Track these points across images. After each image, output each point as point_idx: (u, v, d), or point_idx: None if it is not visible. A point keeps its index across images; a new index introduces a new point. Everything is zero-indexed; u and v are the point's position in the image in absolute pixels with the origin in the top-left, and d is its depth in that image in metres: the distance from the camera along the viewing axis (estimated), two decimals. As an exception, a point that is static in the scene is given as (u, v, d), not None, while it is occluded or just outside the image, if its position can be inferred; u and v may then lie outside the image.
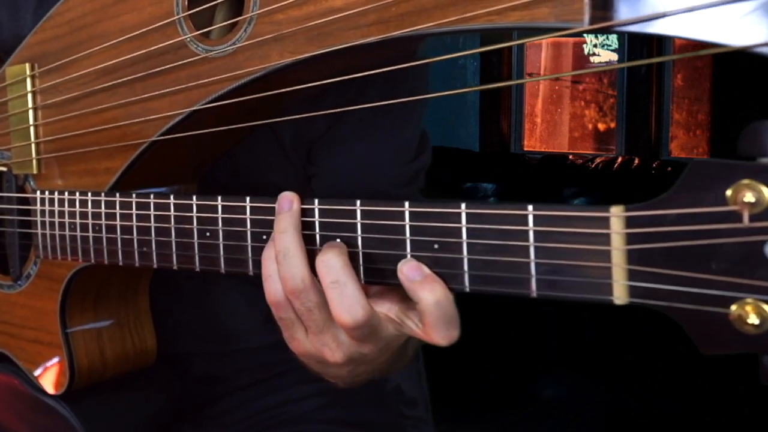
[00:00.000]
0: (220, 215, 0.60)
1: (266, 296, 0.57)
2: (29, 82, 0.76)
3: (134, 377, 0.83)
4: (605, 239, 0.44)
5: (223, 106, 0.61)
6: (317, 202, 0.55)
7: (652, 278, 0.43)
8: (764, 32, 0.39)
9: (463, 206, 0.49)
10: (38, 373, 0.81)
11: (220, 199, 0.60)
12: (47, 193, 0.75)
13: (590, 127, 3.57)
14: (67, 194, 0.73)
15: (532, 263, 0.47)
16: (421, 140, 0.85)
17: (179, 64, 0.63)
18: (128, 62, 0.67)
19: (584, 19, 0.43)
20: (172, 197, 0.64)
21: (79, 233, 0.72)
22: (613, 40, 3.39)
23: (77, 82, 0.72)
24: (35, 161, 0.77)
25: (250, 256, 0.59)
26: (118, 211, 0.68)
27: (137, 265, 0.68)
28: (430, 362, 0.96)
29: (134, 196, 0.67)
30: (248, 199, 0.59)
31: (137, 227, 0.66)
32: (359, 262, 0.54)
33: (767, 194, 0.38)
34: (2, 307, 0.85)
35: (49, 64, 0.74)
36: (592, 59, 3.56)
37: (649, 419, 1.91)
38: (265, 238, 0.58)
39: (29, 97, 0.76)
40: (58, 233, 0.74)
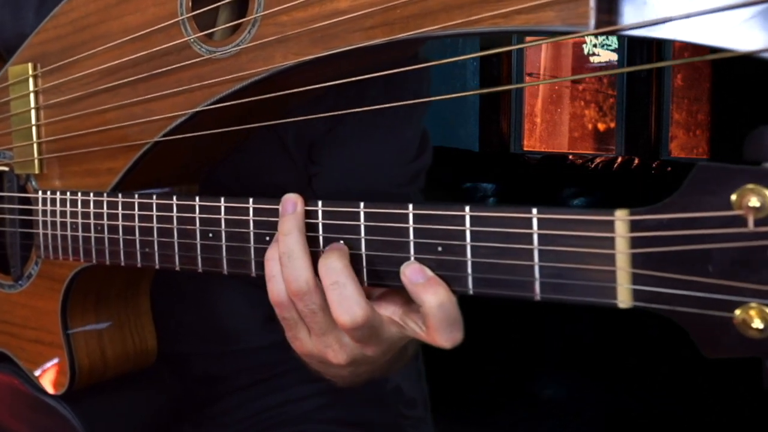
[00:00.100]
0: (222, 216, 0.60)
1: (270, 296, 0.57)
2: (31, 81, 0.76)
3: (134, 377, 0.83)
4: (609, 243, 0.44)
5: (226, 107, 0.61)
6: (320, 203, 0.55)
7: (656, 282, 0.43)
8: (765, 37, 0.39)
9: (467, 209, 0.49)
10: (39, 373, 0.81)
11: (223, 200, 0.60)
12: (49, 193, 0.75)
13: (590, 127, 3.57)
14: (69, 194, 0.73)
15: (535, 266, 0.47)
16: (422, 140, 0.85)
17: (182, 65, 0.63)
18: (131, 63, 0.67)
19: (590, 22, 0.43)
20: (174, 198, 0.64)
21: (81, 233, 0.72)
22: (612, 40, 3.38)
23: (80, 82, 0.71)
24: (37, 161, 0.77)
25: (252, 257, 0.59)
26: (120, 211, 0.68)
27: (139, 265, 0.67)
28: (429, 362, 0.96)
29: (137, 196, 0.67)
30: (251, 200, 0.58)
31: (139, 228, 0.66)
32: (362, 264, 0.54)
33: (772, 199, 0.38)
34: (3, 306, 0.85)
35: (51, 64, 0.74)
36: (591, 59, 3.56)
37: (649, 419, 1.91)
38: (268, 239, 0.58)
39: (31, 96, 0.76)
40: (59, 233, 0.74)
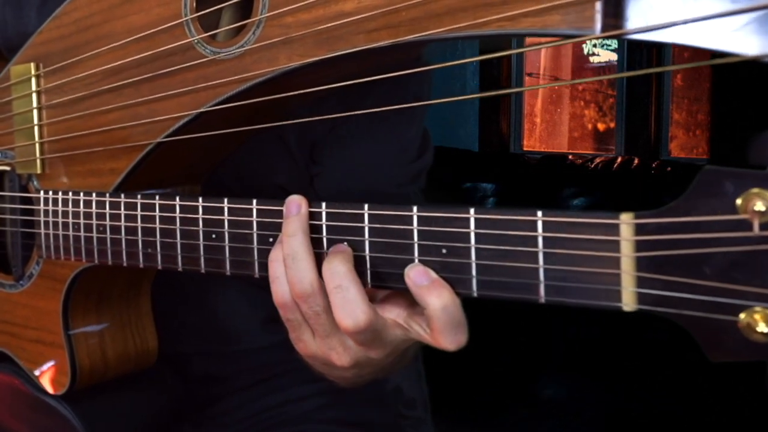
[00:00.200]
0: (226, 217, 0.60)
1: (273, 298, 0.57)
2: (34, 81, 0.75)
3: (135, 377, 0.83)
4: (614, 246, 0.44)
5: (229, 108, 0.61)
6: (324, 205, 0.55)
7: (660, 285, 0.43)
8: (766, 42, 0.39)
9: (471, 211, 0.49)
10: (39, 373, 0.81)
11: (226, 201, 0.60)
12: (51, 193, 0.74)
13: (590, 127, 3.57)
14: (71, 194, 0.72)
15: (540, 269, 0.47)
16: (423, 140, 0.85)
17: (187, 65, 0.63)
18: (135, 63, 0.67)
19: (596, 26, 0.43)
20: (177, 199, 0.63)
21: (83, 233, 0.71)
22: (612, 40, 3.39)
23: (83, 82, 0.71)
24: (39, 161, 0.76)
25: (256, 258, 0.59)
26: (122, 212, 0.68)
27: (141, 266, 0.67)
28: (429, 362, 0.96)
29: (139, 197, 0.66)
30: (255, 201, 0.58)
31: (142, 228, 0.66)
32: (366, 266, 0.53)
33: (777, 203, 0.39)
34: (4, 306, 0.84)
35: (54, 63, 0.74)
36: (591, 59, 3.57)
37: (649, 419, 1.91)
38: (271, 240, 0.57)
39: (34, 96, 0.76)
40: (61, 233, 0.74)
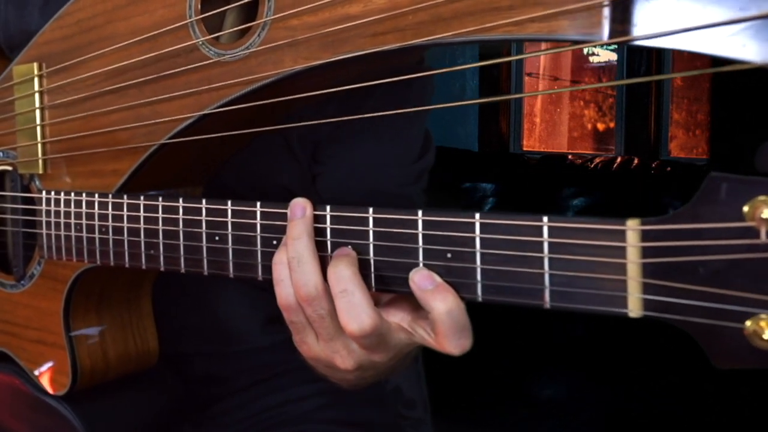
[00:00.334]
0: (229, 219, 0.60)
1: (278, 300, 0.57)
2: (37, 81, 0.75)
3: (136, 378, 0.83)
4: (620, 252, 0.44)
5: (233, 110, 0.61)
6: (329, 208, 0.55)
7: (666, 292, 0.42)
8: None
9: (477, 216, 0.49)
10: (40, 373, 0.81)
11: (230, 203, 0.60)
12: (53, 193, 0.74)
13: (589, 126, 3.57)
14: (73, 195, 0.72)
15: (545, 274, 0.46)
16: (425, 140, 0.85)
17: (191, 67, 0.62)
18: (138, 64, 0.66)
19: (603, 32, 0.43)
20: (180, 200, 0.63)
21: (85, 234, 0.71)
22: (612, 40, 3.37)
23: (86, 83, 0.71)
24: (41, 161, 0.76)
25: (259, 261, 0.59)
26: (125, 213, 0.67)
27: (144, 267, 0.67)
28: (429, 363, 0.96)
29: (142, 198, 0.66)
30: (258, 204, 0.58)
31: (145, 230, 0.66)
32: (370, 269, 0.53)
33: (785, 211, 0.38)
34: (4, 306, 0.84)
35: (57, 64, 0.73)
36: (591, 59, 3.57)
37: (649, 419, 1.91)
38: (275, 243, 0.57)
39: (36, 96, 0.75)
40: (63, 234, 0.73)
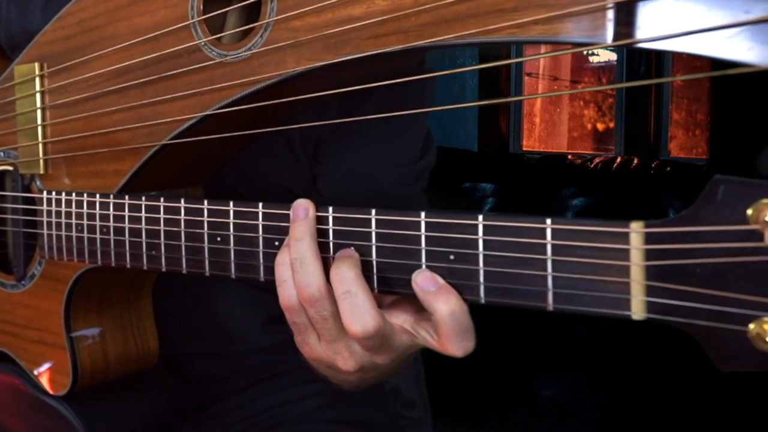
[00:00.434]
0: (231, 220, 0.60)
1: (280, 301, 0.57)
2: (38, 81, 0.75)
3: (136, 378, 0.83)
4: (624, 254, 0.44)
5: (235, 111, 0.61)
6: (331, 209, 0.55)
7: (670, 294, 0.42)
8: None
9: (480, 218, 0.49)
10: (40, 373, 0.81)
11: (232, 204, 0.60)
12: (54, 193, 0.74)
13: (589, 126, 3.58)
14: (74, 195, 0.72)
15: (549, 276, 0.46)
16: (426, 140, 0.85)
17: (193, 68, 0.62)
18: (140, 65, 0.66)
19: (607, 35, 0.43)
20: (182, 201, 0.63)
21: (86, 235, 0.71)
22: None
23: (87, 83, 0.71)
24: (42, 161, 0.76)
25: (261, 262, 0.58)
26: (126, 213, 0.67)
27: (145, 268, 0.67)
28: (429, 363, 0.96)
29: (144, 198, 0.66)
30: (261, 205, 0.58)
31: (146, 230, 0.66)
32: (373, 271, 0.53)
33: (789, 214, 0.38)
34: (5, 306, 0.84)
35: (58, 64, 0.73)
36: (591, 59, 3.57)
37: (649, 419, 1.91)
38: (277, 244, 0.57)
39: (38, 96, 0.75)
40: (64, 234, 0.73)
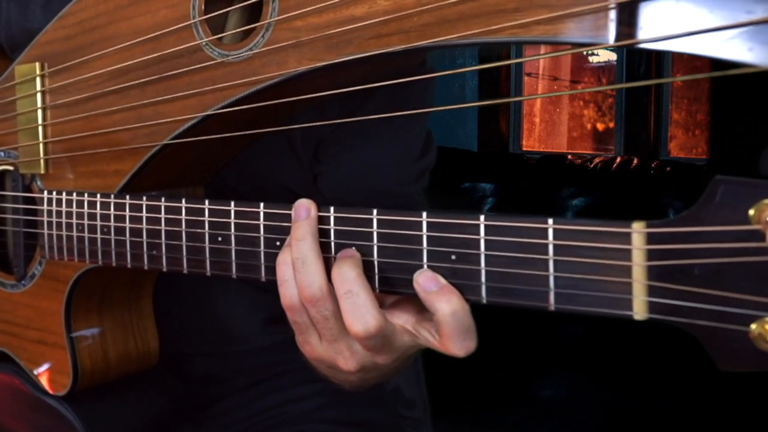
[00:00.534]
0: (232, 220, 0.60)
1: (281, 300, 0.57)
2: (39, 81, 0.75)
3: (136, 378, 0.83)
4: (626, 254, 0.44)
5: (236, 111, 0.61)
6: (333, 209, 0.55)
7: (672, 295, 0.42)
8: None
9: (481, 218, 0.49)
10: (40, 373, 0.81)
11: (233, 204, 0.60)
12: (55, 193, 0.74)
13: (589, 126, 3.58)
14: (75, 195, 0.72)
15: (551, 276, 0.46)
16: (426, 139, 0.85)
17: (194, 68, 0.62)
18: (141, 65, 0.66)
19: (609, 35, 0.43)
20: (183, 201, 0.63)
21: (86, 234, 0.71)
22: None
23: (88, 83, 0.71)
24: (43, 161, 0.76)
25: (263, 262, 0.58)
26: (127, 213, 0.67)
27: (146, 267, 0.67)
28: (429, 363, 0.96)
29: (144, 198, 0.66)
30: (262, 205, 0.58)
31: (147, 230, 0.66)
32: (374, 271, 0.53)
33: (791, 215, 0.38)
34: (5, 306, 0.84)
35: (59, 64, 0.73)
36: (590, 59, 3.57)
37: (649, 419, 1.91)
38: (278, 244, 0.57)
39: (38, 96, 0.75)
40: (65, 234, 0.73)
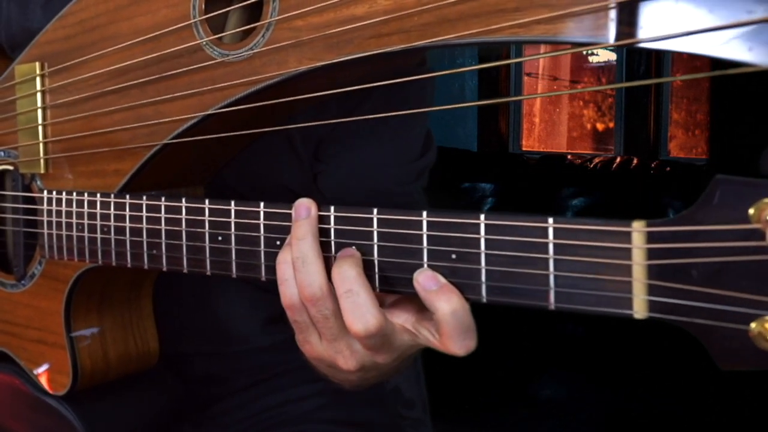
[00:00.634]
0: (233, 220, 0.60)
1: (282, 299, 0.57)
2: (39, 81, 0.75)
3: (136, 378, 0.83)
4: (626, 253, 0.44)
5: (236, 110, 0.61)
6: (333, 209, 0.55)
7: (672, 293, 0.43)
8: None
9: (482, 217, 0.49)
10: (40, 373, 0.81)
11: (233, 203, 0.60)
12: (54, 193, 0.74)
13: (589, 126, 3.58)
14: (75, 195, 0.72)
15: (551, 275, 0.46)
16: (426, 138, 0.85)
17: (194, 67, 0.62)
18: (141, 64, 0.66)
19: (609, 34, 0.43)
20: (183, 201, 0.63)
21: (87, 234, 0.71)
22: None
23: (88, 83, 0.71)
24: (43, 161, 0.76)
25: (263, 261, 0.59)
26: (127, 213, 0.67)
27: (146, 267, 0.67)
28: (429, 363, 0.96)
29: (144, 198, 0.66)
30: (262, 204, 0.58)
31: (147, 230, 0.66)
32: (374, 270, 0.53)
33: (790, 214, 0.39)
34: (5, 306, 0.84)
35: (59, 63, 0.73)
36: (590, 59, 3.57)
37: (649, 419, 1.91)
38: (278, 243, 0.57)
39: (38, 96, 0.75)
40: (65, 233, 0.73)
